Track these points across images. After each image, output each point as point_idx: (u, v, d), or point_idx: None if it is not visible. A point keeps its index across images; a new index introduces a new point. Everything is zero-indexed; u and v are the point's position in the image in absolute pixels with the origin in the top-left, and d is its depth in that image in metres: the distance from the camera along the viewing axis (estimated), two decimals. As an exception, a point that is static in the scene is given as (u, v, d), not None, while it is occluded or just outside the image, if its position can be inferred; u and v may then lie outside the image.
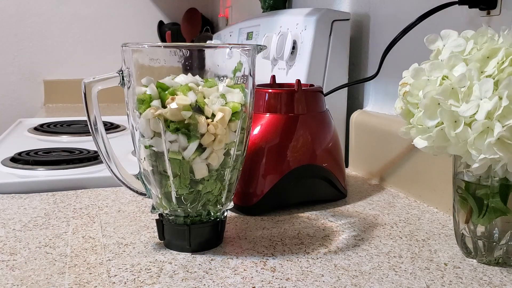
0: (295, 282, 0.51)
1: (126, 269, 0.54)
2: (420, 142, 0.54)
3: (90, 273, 0.53)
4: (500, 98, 0.48)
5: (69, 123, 1.42)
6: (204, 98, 0.55)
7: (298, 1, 1.30)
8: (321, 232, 0.65)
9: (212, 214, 0.59)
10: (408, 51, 0.84)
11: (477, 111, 0.49)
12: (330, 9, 0.99)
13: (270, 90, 0.75)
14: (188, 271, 0.54)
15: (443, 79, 0.52)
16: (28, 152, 1.00)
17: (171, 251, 0.59)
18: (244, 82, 0.58)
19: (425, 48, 0.56)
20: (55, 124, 1.40)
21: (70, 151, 1.02)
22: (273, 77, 0.80)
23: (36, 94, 2.11)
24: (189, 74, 0.56)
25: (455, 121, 0.50)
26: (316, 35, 0.95)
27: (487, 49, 0.51)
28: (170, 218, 0.58)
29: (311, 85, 0.78)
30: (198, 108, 0.54)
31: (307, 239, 0.63)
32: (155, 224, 0.61)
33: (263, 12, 1.35)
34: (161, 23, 2.21)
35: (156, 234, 0.61)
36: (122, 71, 0.57)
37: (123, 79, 0.57)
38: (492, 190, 0.54)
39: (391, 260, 0.57)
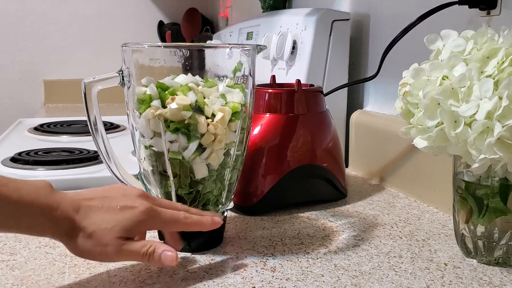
0: (295, 282, 0.51)
1: (126, 269, 0.54)
2: (420, 142, 0.54)
3: (90, 273, 0.53)
4: (500, 98, 0.47)
5: (69, 123, 1.42)
6: (204, 98, 0.55)
7: (298, 1, 1.30)
8: (321, 232, 0.65)
9: (212, 214, 0.59)
10: (408, 51, 0.84)
11: (477, 111, 0.49)
12: (330, 9, 0.99)
13: (270, 90, 0.75)
14: (188, 271, 0.53)
15: (443, 79, 0.52)
16: (28, 152, 1.00)
17: (171, 251, 0.59)
18: (244, 82, 0.58)
19: (425, 48, 0.56)
20: (55, 124, 1.40)
21: (70, 151, 1.02)
22: (273, 77, 0.80)
23: (36, 94, 2.11)
24: (189, 74, 0.56)
25: (455, 121, 0.50)
26: (316, 35, 0.95)
27: (487, 49, 0.51)
28: (170, 218, 0.58)
29: (311, 85, 0.78)
30: (198, 108, 0.54)
31: (307, 239, 0.63)
32: (155, 224, 0.61)
33: (263, 12, 1.35)
34: (161, 23, 2.21)
35: (157, 234, 0.61)
36: (122, 71, 0.57)
37: (123, 79, 0.57)
38: (492, 190, 0.54)
39: (391, 260, 0.57)
